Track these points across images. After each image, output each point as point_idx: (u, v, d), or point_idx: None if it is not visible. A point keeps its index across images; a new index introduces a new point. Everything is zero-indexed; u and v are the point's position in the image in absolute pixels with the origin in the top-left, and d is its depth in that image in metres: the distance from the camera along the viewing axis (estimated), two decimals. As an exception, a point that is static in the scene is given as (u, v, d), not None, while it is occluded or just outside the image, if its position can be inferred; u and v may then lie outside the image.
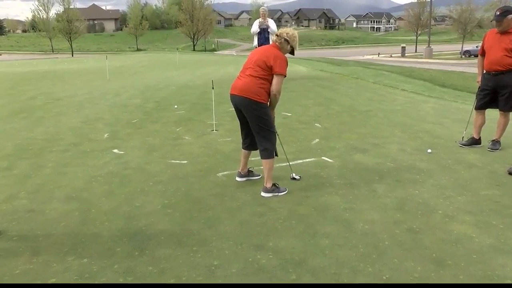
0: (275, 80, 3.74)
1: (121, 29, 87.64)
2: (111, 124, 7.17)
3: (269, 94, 3.78)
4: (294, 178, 4.29)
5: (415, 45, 54.62)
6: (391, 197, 3.83)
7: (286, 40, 3.83)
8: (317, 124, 6.89)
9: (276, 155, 3.98)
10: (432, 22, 62.35)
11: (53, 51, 63.94)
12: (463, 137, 5.64)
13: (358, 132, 6.29)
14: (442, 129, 6.47)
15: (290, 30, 3.89)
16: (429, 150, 5.25)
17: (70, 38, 59.48)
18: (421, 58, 38.91)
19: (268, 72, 3.73)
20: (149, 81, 14.35)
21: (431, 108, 8.28)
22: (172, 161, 5.03)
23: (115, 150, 5.52)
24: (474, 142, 5.49)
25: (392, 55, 44.60)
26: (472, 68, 20.44)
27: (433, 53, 40.79)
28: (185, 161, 5.00)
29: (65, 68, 22.87)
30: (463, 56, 41.75)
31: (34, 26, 70.01)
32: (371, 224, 3.29)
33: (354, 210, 3.56)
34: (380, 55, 44.99)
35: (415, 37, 57.70)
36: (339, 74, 15.05)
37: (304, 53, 43.57)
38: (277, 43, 3.88)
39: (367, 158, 5.04)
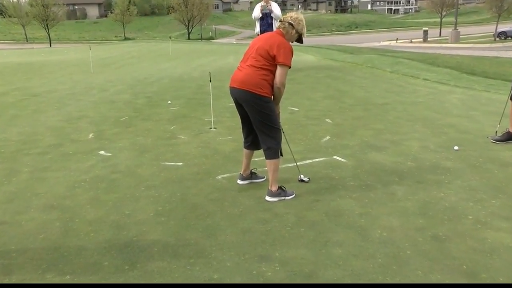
0: (279, 71, 3.74)
1: (106, 16, 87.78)
2: (97, 123, 7.20)
3: (272, 86, 3.79)
4: (302, 180, 4.30)
5: (439, 28, 54.39)
6: (412, 201, 3.83)
7: (290, 24, 3.83)
8: (328, 120, 6.90)
9: (282, 154, 3.99)
10: (460, 0, 61.84)
11: (27, 41, 63.75)
12: (496, 132, 5.62)
13: (374, 128, 6.29)
14: (471, 123, 6.46)
15: (294, 13, 3.90)
16: (456, 147, 5.24)
17: (47, 25, 59.09)
18: (446, 42, 38.81)
19: (271, 62, 3.74)
20: (139, 74, 14.39)
21: (457, 100, 8.27)
22: (166, 163, 5.05)
23: (102, 152, 5.54)
24: (510, 137, 5.47)
25: (413, 40, 44.54)
26: (508, 52, 20.34)
27: (461, 36, 40.62)
28: (181, 163, 5.02)
29: (42, 60, 22.96)
30: (498, 39, 41.38)
31: (2, 11, 69.60)
32: (390, 231, 3.30)
33: (370, 216, 3.56)
34: (398, 41, 44.93)
35: (439, 19, 57.42)
36: (352, 63, 15.03)
37: (312, 40, 43.58)
38: (281, 29, 3.88)
39: (385, 156, 5.04)
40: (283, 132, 4.04)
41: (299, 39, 3.97)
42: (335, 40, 47.58)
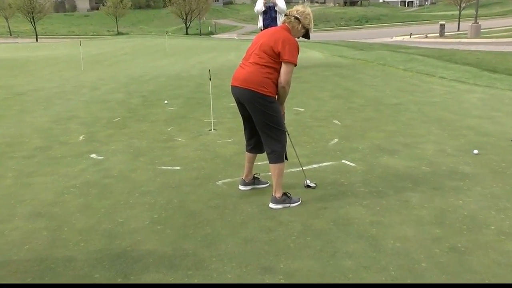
0: (284, 69, 3.75)
1: (97, 8, 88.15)
2: (88, 124, 7.22)
3: (277, 85, 3.80)
4: (309, 186, 4.30)
5: (457, 22, 54.22)
6: (427, 209, 3.83)
7: (296, 18, 3.85)
8: (336, 121, 6.90)
9: (286, 158, 3.99)
10: (482, -10, 60.96)
11: (11, 35, 63.59)
12: None
13: (386, 130, 6.30)
14: (492, 125, 6.45)
15: (301, 7, 3.92)
16: (476, 151, 5.23)
17: (33, 18, 58.79)
18: (465, 37, 38.70)
19: (275, 59, 3.75)
20: (133, 72, 14.43)
21: (477, 99, 8.26)
22: (163, 167, 5.06)
23: (93, 155, 5.56)
24: None
25: (428, 35, 44.46)
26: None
27: (482, 30, 40.37)
28: (178, 167, 5.03)
29: (28, 55, 23.04)
30: (524, 32, 40.92)
31: (-18, 2, 69.35)
32: (404, 242, 3.29)
33: (382, 224, 3.56)
34: (412, 36, 44.89)
35: (457, 12, 57.19)
36: (362, 60, 15.04)
37: (319, 35, 43.63)
38: (286, 24, 3.89)
39: (397, 161, 5.04)
40: (288, 134, 4.05)
41: (306, 35, 3.99)
42: (344, 35, 47.62)
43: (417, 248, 3.20)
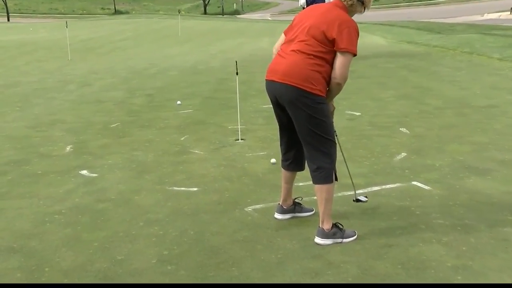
0: (340, 60, 3.74)
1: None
2: (76, 131, 7.34)
3: (328, 82, 3.79)
4: (358, 200, 4.22)
5: None
6: (535, 250, 3.76)
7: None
8: (403, 129, 6.86)
9: (336, 178, 3.97)
10: None
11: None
12: None
13: (474, 142, 6.22)
14: None
15: None
16: None
17: (2, -8, 59.70)
18: None
19: (328, 48, 3.73)
20: (135, 63, 14.63)
21: None
22: (175, 188, 5.11)
23: (84, 172, 5.64)
24: None
25: (538, 9, 43.59)
26: None
27: None
28: (195, 188, 5.07)
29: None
30: None
31: None
32: (502, 294, 3.24)
33: (471, 271, 3.50)
34: (513, 12, 44.14)
35: None
36: (440, 48, 14.90)
37: (381, 14, 43.44)
38: (343, 1, 3.88)
39: (491, 183, 4.97)
40: (340, 146, 4.02)
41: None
42: (414, 13, 47.22)
43: (521, 303, 3.14)
